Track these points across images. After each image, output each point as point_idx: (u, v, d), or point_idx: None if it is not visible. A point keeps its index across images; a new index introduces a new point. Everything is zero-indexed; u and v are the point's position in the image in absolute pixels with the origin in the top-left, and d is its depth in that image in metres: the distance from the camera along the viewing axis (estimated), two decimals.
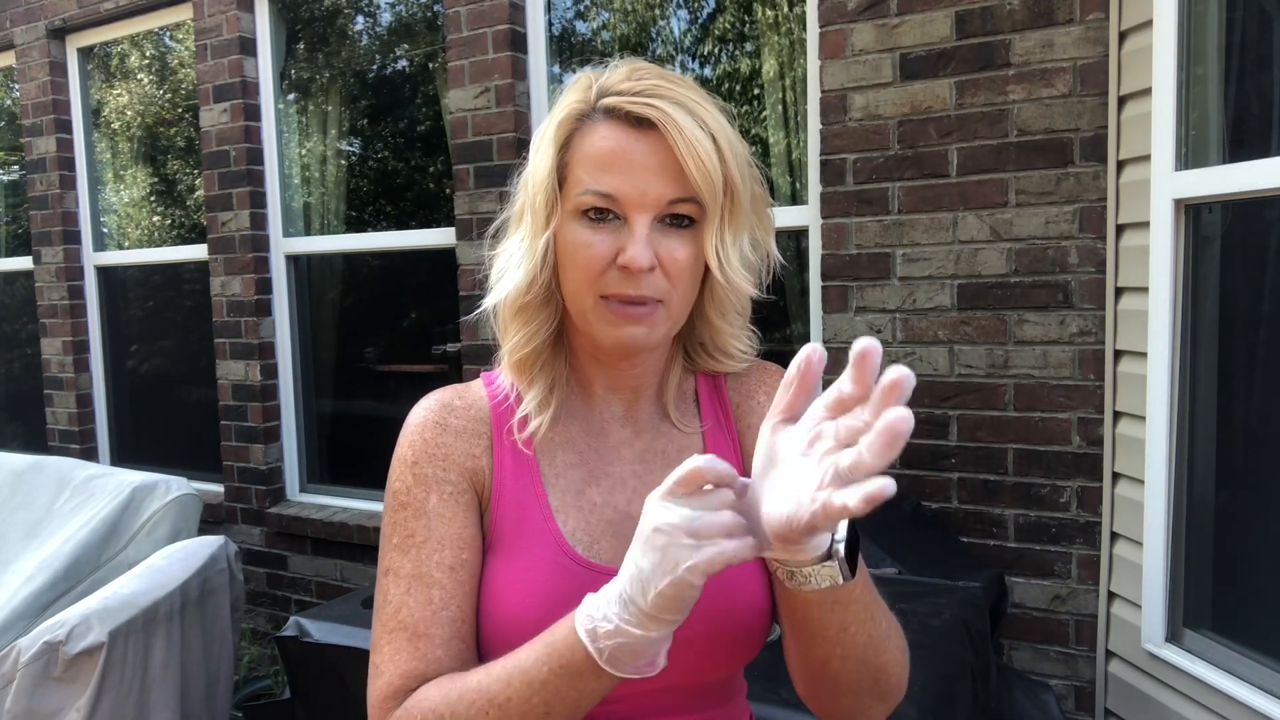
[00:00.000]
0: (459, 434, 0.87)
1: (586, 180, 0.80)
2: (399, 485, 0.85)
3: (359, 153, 3.56)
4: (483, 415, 0.89)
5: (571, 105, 0.83)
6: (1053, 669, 2.20)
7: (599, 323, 0.83)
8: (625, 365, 0.89)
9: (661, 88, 0.80)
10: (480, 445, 0.87)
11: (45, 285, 4.06)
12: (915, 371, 2.26)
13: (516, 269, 0.85)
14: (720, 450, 0.93)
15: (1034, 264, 2.14)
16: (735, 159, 0.81)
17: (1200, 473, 1.87)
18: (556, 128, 0.83)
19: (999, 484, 2.22)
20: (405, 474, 0.85)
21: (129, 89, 4.02)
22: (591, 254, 0.80)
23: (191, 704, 2.32)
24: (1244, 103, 1.85)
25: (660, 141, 0.79)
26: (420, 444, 0.85)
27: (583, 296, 0.82)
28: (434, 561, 0.81)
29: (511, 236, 0.88)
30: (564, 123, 0.83)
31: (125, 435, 4.14)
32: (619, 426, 0.91)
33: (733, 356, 0.93)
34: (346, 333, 3.58)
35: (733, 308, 0.90)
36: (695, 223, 0.82)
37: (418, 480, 0.84)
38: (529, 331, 0.87)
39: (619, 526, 0.87)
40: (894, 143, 2.27)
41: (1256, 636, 1.74)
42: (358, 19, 3.52)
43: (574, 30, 2.99)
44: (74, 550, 2.59)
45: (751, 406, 0.95)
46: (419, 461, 0.85)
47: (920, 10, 2.21)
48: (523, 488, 0.86)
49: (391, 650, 0.80)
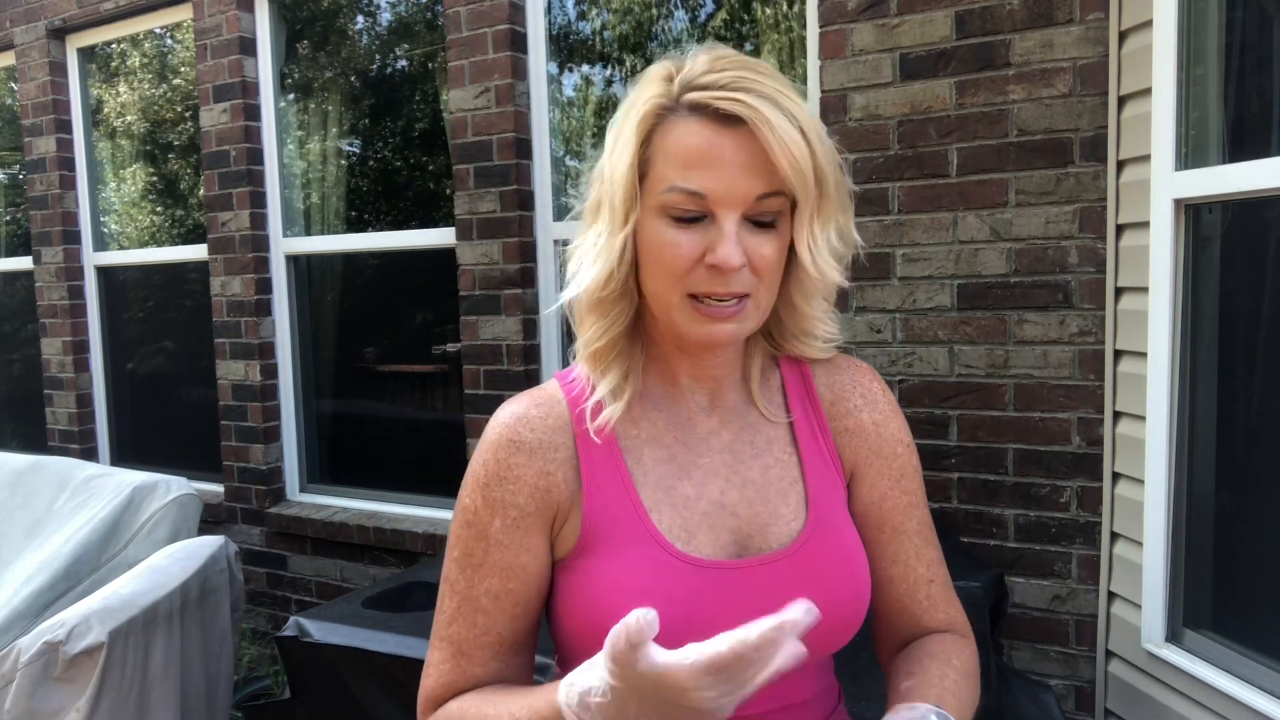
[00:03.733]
0: (534, 451, 0.86)
1: (673, 177, 0.79)
2: (468, 502, 0.87)
3: (359, 152, 3.56)
4: (562, 422, 0.87)
5: (653, 100, 0.80)
6: (1053, 669, 2.20)
7: (686, 320, 0.82)
8: (709, 355, 0.88)
9: (747, 80, 0.78)
10: (559, 456, 0.86)
11: (45, 285, 4.06)
12: (915, 371, 2.27)
13: (592, 264, 0.84)
14: (809, 443, 0.92)
15: (1034, 264, 2.14)
16: (824, 150, 0.81)
17: (1200, 473, 1.87)
18: (639, 123, 0.80)
19: (999, 484, 2.22)
20: (475, 494, 0.86)
21: (129, 89, 4.02)
22: (679, 253, 0.79)
23: (191, 704, 2.32)
24: (1244, 103, 1.85)
25: (748, 136, 0.77)
26: (493, 464, 0.85)
27: (669, 294, 0.81)
28: (483, 588, 0.85)
29: (588, 231, 0.86)
30: (646, 117, 0.80)
31: (125, 435, 4.14)
32: (705, 416, 0.90)
33: (817, 337, 0.93)
34: (346, 333, 3.58)
35: (819, 293, 0.89)
36: (779, 215, 0.81)
37: (486, 502, 0.85)
38: (604, 324, 0.86)
39: (713, 518, 0.87)
40: (894, 143, 2.27)
41: (1256, 636, 1.74)
42: (358, 19, 3.52)
43: (574, 30, 2.99)
44: (74, 550, 2.58)
45: (847, 409, 0.95)
46: (490, 483, 0.85)
47: (920, 10, 2.21)
48: (615, 486, 0.86)
49: (439, 658, 0.88)
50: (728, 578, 0.84)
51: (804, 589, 0.75)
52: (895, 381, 2.31)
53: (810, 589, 0.76)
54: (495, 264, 2.86)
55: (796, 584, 0.84)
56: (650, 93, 0.80)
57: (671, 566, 0.83)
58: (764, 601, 0.80)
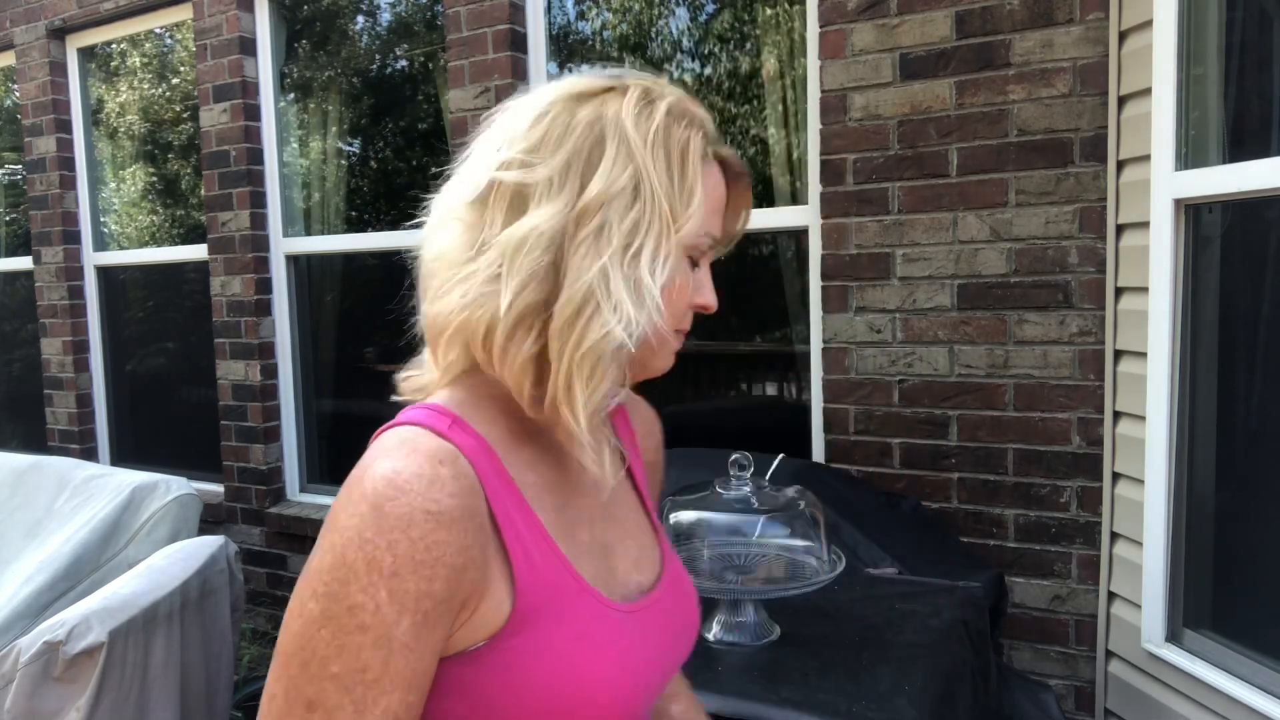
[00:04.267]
0: (454, 522, 0.66)
1: (706, 223, 0.78)
2: (364, 599, 0.64)
3: (359, 152, 3.56)
4: (472, 480, 0.70)
5: (699, 144, 0.77)
6: (1053, 669, 2.20)
7: (667, 354, 0.82)
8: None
9: None
10: (477, 523, 0.69)
11: (45, 285, 4.06)
12: (915, 372, 2.27)
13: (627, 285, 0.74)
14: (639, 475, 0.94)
15: (1034, 264, 2.14)
16: None
17: (1200, 473, 1.87)
18: (701, 161, 0.77)
19: (999, 484, 2.22)
20: (376, 588, 0.64)
21: (129, 89, 4.02)
22: (686, 293, 0.79)
23: (191, 704, 2.32)
24: (1244, 103, 1.85)
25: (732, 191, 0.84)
26: (406, 545, 0.64)
27: (666, 328, 0.77)
28: (380, 709, 0.65)
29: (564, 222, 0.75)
30: (700, 161, 0.77)
31: (125, 435, 4.14)
32: (569, 456, 0.79)
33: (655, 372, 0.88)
34: (346, 333, 3.58)
35: None
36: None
37: (393, 597, 0.64)
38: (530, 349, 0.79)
39: (607, 561, 0.81)
40: (894, 143, 2.27)
41: (1256, 636, 1.74)
42: (358, 19, 3.52)
43: (574, 30, 2.99)
44: (74, 550, 2.59)
45: (650, 445, 0.99)
46: (400, 572, 0.64)
47: (920, 10, 2.21)
48: (537, 544, 0.74)
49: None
50: (643, 620, 0.80)
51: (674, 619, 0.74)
52: (895, 382, 2.31)
53: (677, 619, 0.76)
54: None
55: (670, 616, 0.84)
56: (689, 134, 0.77)
57: (611, 619, 0.76)
58: (660, 639, 0.81)
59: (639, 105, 0.75)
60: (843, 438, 2.38)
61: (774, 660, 1.38)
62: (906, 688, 1.27)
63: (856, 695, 1.25)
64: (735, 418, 2.83)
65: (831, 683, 1.29)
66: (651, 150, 0.74)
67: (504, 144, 0.77)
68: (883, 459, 2.34)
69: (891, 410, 2.32)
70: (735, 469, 1.52)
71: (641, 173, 0.73)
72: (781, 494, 1.51)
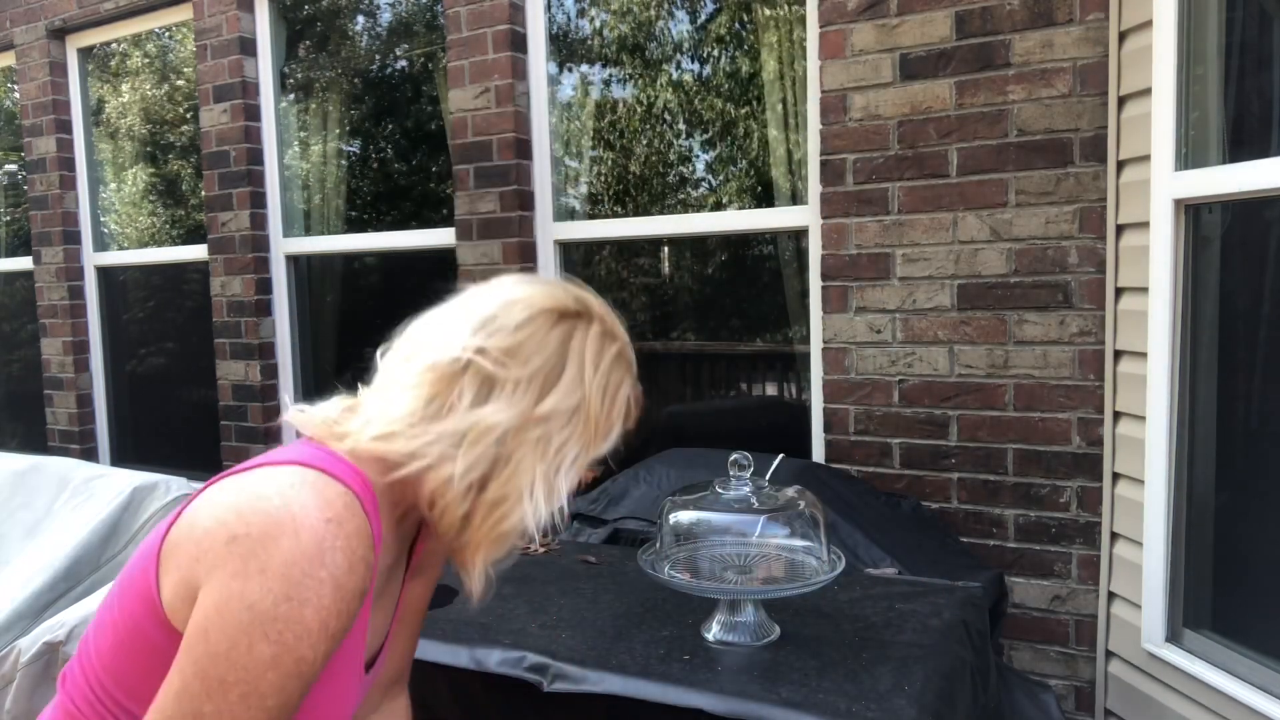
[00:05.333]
0: (366, 570, 0.77)
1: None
2: (311, 655, 0.72)
3: (359, 153, 3.56)
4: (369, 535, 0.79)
5: (628, 384, 0.93)
6: (1053, 669, 2.20)
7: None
8: None
9: None
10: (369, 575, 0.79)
11: (45, 285, 4.06)
12: (915, 372, 2.27)
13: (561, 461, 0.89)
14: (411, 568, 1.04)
15: (1034, 264, 2.14)
16: None
17: (1200, 473, 1.87)
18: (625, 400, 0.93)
19: (999, 484, 2.22)
20: (321, 643, 0.73)
21: (129, 89, 4.02)
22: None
23: None
24: (1244, 103, 1.85)
25: None
26: (339, 601, 0.74)
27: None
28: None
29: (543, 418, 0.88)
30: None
31: (125, 435, 4.14)
32: (400, 547, 0.97)
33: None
34: (347, 333, 3.58)
35: None
36: None
37: (329, 649, 0.74)
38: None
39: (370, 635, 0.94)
40: (894, 143, 2.27)
41: (1256, 636, 1.74)
42: (358, 19, 3.52)
43: (574, 30, 2.99)
44: (74, 550, 2.58)
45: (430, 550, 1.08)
46: (337, 633, 0.75)
47: (920, 10, 2.21)
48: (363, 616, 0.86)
49: None
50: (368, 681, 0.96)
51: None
52: (895, 382, 2.31)
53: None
54: (495, 264, 2.86)
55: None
56: (626, 377, 0.93)
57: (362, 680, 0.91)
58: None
59: (598, 343, 0.90)
60: (843, 438, 2.38)
61: (774, 660, 1.38)
62: (906, 688, 1.27)
63: (856, 695, 1.25)
64: (735, 418, 2.84)
65: (831, 683, 1.29)
66: (597, 384, 0.89)
67: (490, 332, 0.88)
68: (883, 459, 2.34)
69: (891, 410, 2.32)
70: (735, 469, 1.52)
71: (585, 400, 0.88)
72: (781, 494, 1.51)
